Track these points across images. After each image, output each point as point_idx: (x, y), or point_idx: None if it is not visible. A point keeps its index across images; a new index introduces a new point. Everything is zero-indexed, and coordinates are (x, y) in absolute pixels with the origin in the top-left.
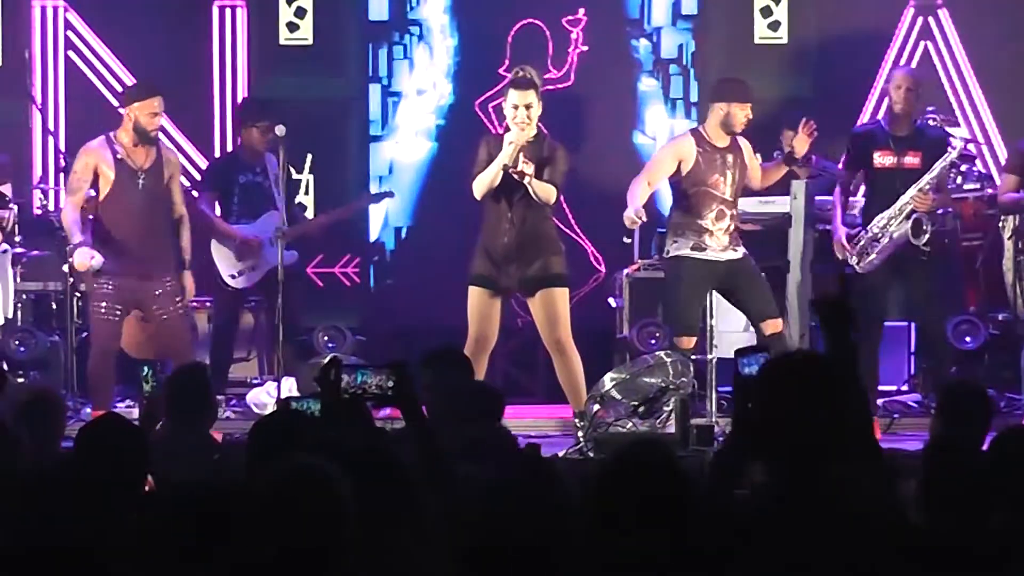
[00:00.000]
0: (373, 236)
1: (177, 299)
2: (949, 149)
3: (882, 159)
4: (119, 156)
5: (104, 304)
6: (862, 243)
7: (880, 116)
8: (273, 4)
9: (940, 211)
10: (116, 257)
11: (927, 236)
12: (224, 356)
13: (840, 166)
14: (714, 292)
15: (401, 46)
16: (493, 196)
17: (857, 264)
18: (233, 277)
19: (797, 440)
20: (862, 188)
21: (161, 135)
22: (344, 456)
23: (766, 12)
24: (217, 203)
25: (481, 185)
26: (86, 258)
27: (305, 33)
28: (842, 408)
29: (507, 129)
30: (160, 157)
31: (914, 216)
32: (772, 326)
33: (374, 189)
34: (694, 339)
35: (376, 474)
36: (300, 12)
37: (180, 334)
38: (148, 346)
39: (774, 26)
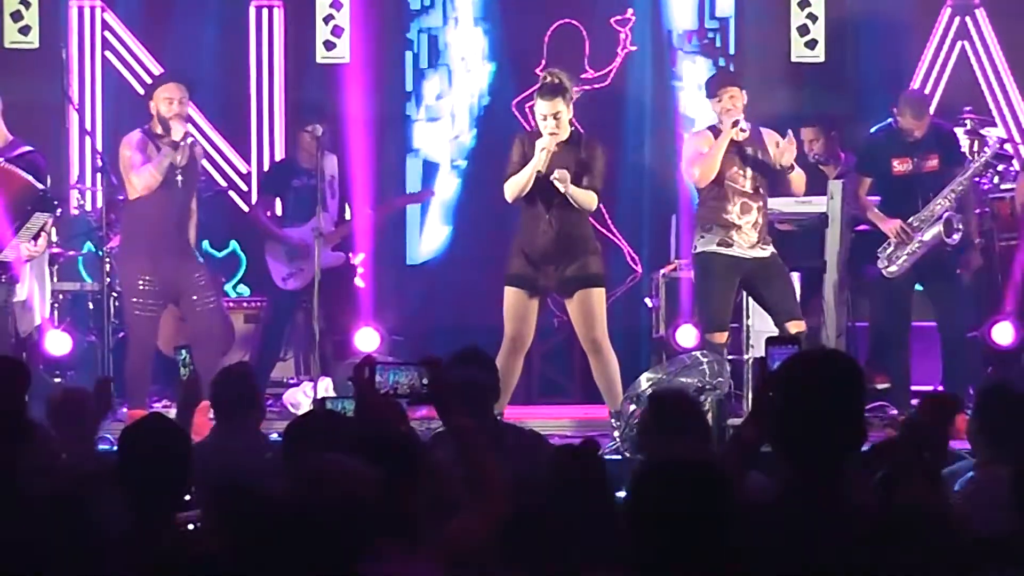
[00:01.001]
0: (411, 237)
1: (211, 292)
2: (985, 148)
3: (901, 166)
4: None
5: (140, 300)
6: (890, 249)
7: (891, 120)
8: (310, 22)
9: (977, 211)
10: (153, 252)
11: (960, 234)
12: (269, 356)
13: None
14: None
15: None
16: (530, 198)
17: (886, 269)
18: (284, 280)
19: (812, 436)
20: None
21: (193, 130)
22: (374, 455)
23: (803, 31)
24: (278, 203)
25: (513, 189)
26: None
27: (342, 51)
28: (859, 409)
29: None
30: (193, 151)
31: (945, 215)
32: (796, 326)
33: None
34: (725, 334)
35: (405, 472)
36: (337, 31)
37: (215, 326)
38: (182, 341)
39: (811, 44)
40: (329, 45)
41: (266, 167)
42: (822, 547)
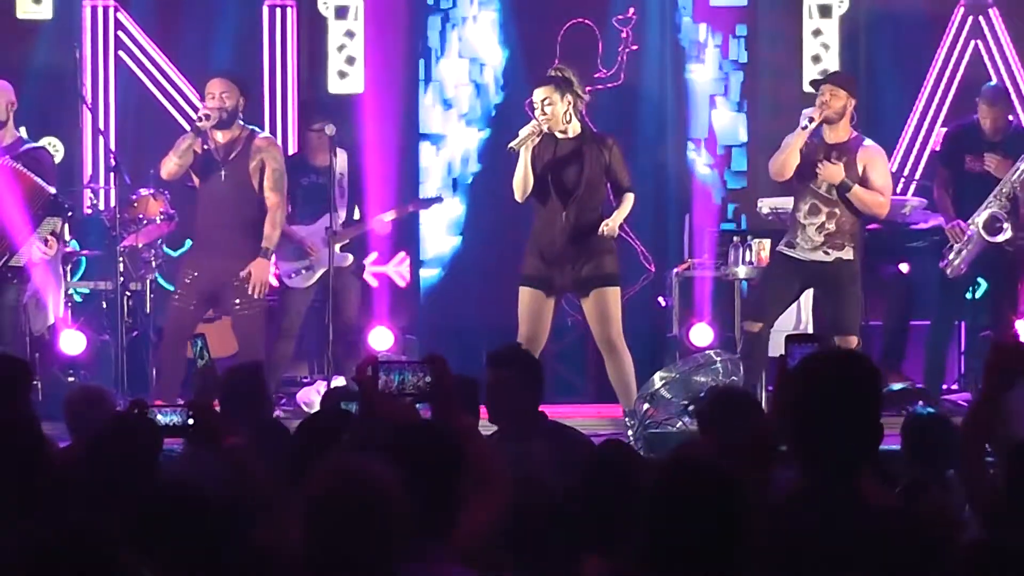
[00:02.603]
0: (425, 237)
1: (256, 297)
2: None
3: (973, 164)
4: (205, 145)
5: (180, 292)
6: (950, 244)
7: (975, 116)
8: (322, 51)
9: None
10: (199, 247)
11: (1006, 234)
12: (282, 354)
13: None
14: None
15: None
16: (545, 196)
17: (947, 268)
18: (290, 277)
19: (827, 436)
20: (912, 187)
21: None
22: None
23: (816, 60)
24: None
25: (515, 185)
26: None
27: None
28: (876, 409)
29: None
30: (247, 147)
31: (987, 213)
32: (844, 341)
33: (424, 194)
34: (758, 325)
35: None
36: (350, 60)
37: (252, 333)
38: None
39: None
40: (342, 75)
41: None
42: (834, 548)
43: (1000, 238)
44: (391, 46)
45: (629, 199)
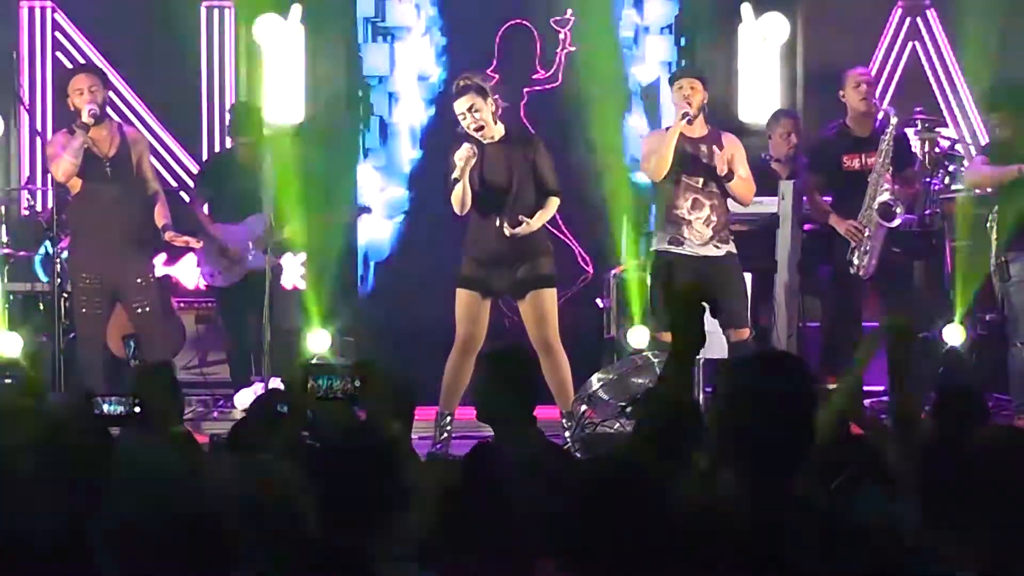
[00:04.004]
0: (362, 241)
1: (151, 295)
2: (887, 128)
3: (850, 162)
4: (85, 145)
5: (85, 298)
6: (857, 251)
7: (841, 120)
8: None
9: (928, 212)
10: (93, 249)
11: (899, 219)
12: (238, 352)
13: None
14: None
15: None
16: (480, 200)
17: (855, 269)
18: (212, 276)
19: (760, 440)
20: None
21: (119, 115)
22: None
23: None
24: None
25: (455, 203)
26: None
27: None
28: (809, 411)
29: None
30: (125, 142)
31: (878, 201)
32: (737, 334)
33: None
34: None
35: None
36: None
37: (157, 330)
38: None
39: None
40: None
41: (205, 158)
42: (767, 551)
43: (895, 223)
44: (331, 74)
45: (553, 203)
